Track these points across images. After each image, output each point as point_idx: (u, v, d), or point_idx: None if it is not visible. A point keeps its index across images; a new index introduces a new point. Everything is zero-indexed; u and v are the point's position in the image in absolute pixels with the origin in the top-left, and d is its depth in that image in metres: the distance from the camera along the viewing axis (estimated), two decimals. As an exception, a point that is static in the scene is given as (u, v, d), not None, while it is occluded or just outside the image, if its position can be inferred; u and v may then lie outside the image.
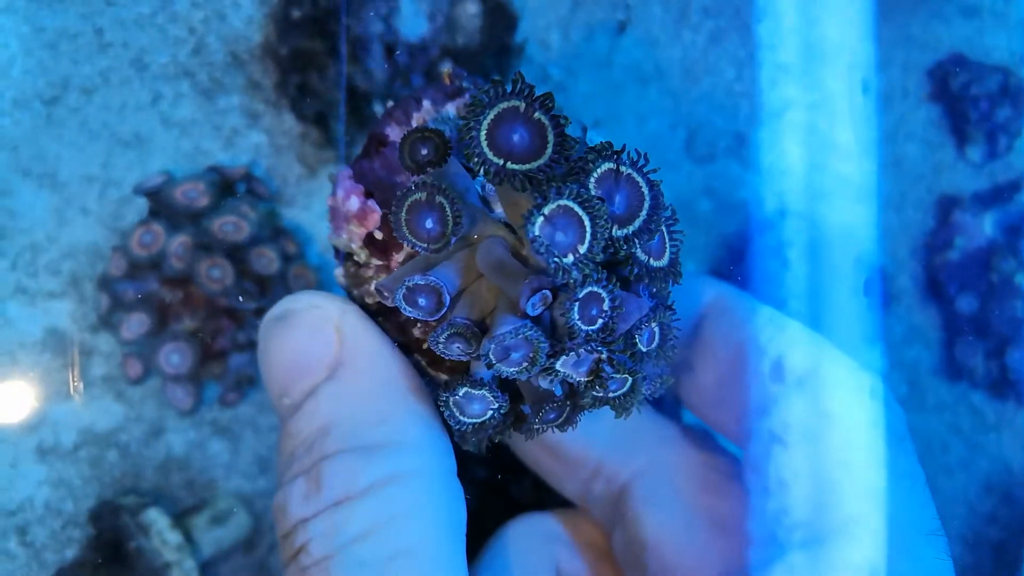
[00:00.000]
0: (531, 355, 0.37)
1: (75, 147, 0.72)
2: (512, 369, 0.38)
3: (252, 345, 0.66)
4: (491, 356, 0.37)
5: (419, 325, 0.43)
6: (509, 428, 0.42)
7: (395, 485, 0.39)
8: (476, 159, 0.37)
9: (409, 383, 0.43)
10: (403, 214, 0.38)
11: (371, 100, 0.71)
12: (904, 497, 0.41)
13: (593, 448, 0.50)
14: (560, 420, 0.41)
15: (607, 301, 0.37)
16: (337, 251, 0.46)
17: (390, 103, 0.41)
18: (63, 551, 0.69)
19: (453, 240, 0.38)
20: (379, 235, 0.43)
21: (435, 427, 0.42)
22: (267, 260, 0.65)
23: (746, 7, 0.79)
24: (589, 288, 0.37)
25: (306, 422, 0.42)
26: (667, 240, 0.40)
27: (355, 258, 0.45)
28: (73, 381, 0.69)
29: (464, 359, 0.39)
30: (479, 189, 0.42)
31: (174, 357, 0.64)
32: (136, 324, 0.65)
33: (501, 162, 0.37)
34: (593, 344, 0.37)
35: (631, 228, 0.38)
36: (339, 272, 0.46)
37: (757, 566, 0.43)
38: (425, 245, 0.38)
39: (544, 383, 0.39)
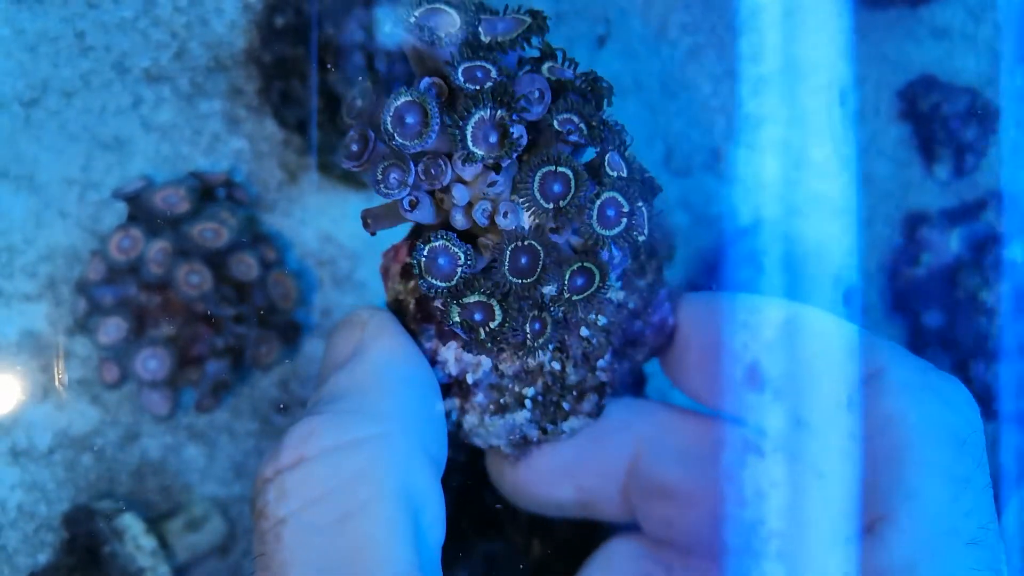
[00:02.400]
0: (423, 117, 0.41)
1: (54, 150, 0.72)
2: (412, 141, 0.41)
3: (229, 351, 0.66)
4: (387, 122, 0.41)
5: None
6: (486, 290, 0.43)
7: (352, 450, 0.39)
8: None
9: (413, 374, 0.44)
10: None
11: (353, 109, 0.71)
12: (947, 502, 0.40)
13: (599, 452, 0.50)
14: (535, 273, 0.42)
15: (493, 71, 0.41)
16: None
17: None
18: (36, 555, 0.69)
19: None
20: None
21: (421, 406, 0.43)
22: (246, 266, 0.66)
23: (722, 25, 0.81)
24: (468, 63, 0.41)
25: (308, 407, 0.43)
26: (575, 69, 0.44)
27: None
28: (58, 374, 0.69)
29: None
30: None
31: (151, 362, 0.64)
32: (113, 329, 0.65)
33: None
34: (487, 103, 0.40)
35: (513, 35, 0.42)
36: None
37: None
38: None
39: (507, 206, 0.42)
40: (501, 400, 0.47)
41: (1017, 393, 0.71)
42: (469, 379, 0.47)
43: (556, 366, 0.46)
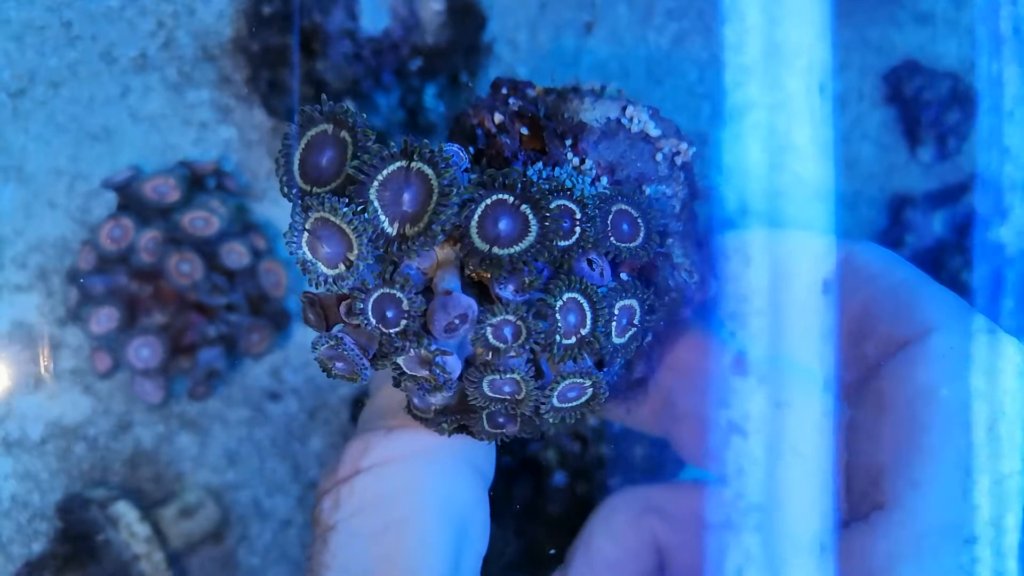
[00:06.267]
0: (350, 366, 0.39)
1: (42, 140, 0.71)
2: (347, 377, 0.39)
3: (222, 339, 0.67)
4: (323, 362, 0.39)
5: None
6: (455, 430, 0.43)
7: (398, 463, 0.42)
8: (287, 189, 0.38)
9: None
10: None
11: (342, 97, 0.72)
12: (954, 495, 0.37)
13: None
14: (510, 427, 0.42)
15: (405, 302, 0.37)
16: None
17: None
18: (30, 544, 0.69)
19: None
20: None
21: None
22: (237, 255, 0.66)
23: (709, 10, 0.81)
24: (381, 291, 0.37)
25: (361, 417, 0.46)
26: (532, 220, 0.38)
27: None
28: (44, 362, 0.69)
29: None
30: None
31: (143, 351, 0.65)
32: (105, 318, 0.65)
33: (309, 188, 0.38)
34: (405, 345, 0.38)
35: (422, 223, 0.37)
36: None
37: (715, 550, 0.44)
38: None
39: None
40: None
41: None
42: None
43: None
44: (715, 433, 0.47)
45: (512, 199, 0.37)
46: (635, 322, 0.41)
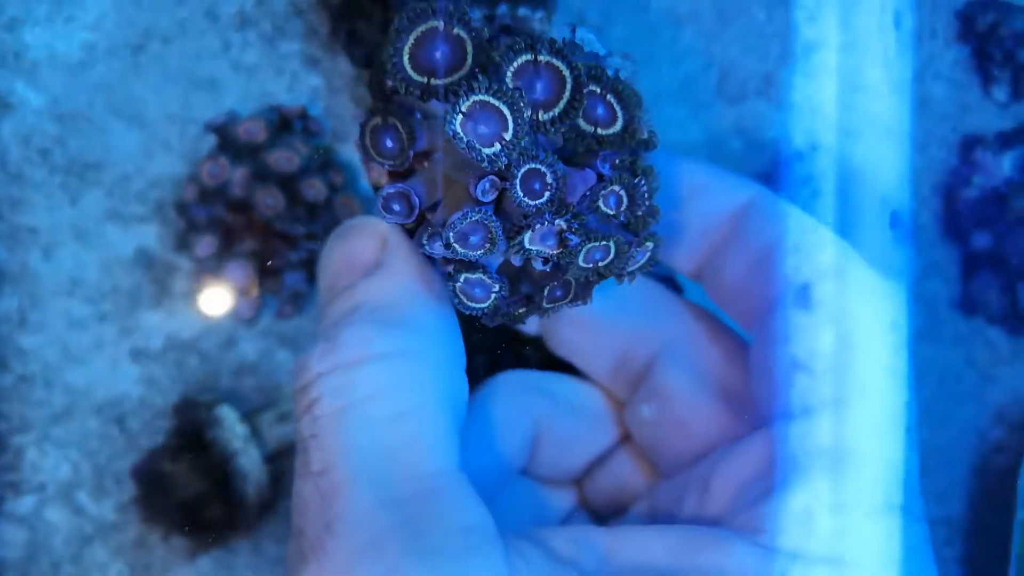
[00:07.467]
0: (488, 236, 0.41)
1: (158, 90, 0.82)
2: (476, 252, 0.41)
3: (303, 264, 0.75)
4: (451, 239, 0.41)
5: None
6: (522, 311, 0.46)
7: (403, 358, 0.43)
8: (400, 81, 0.40)
9: (438, 290, 0.47)
10: (367, 139, 0.42)
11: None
12: (891, 393, 0.43)
13: (624, 321, 0.53)
14: (569, 297, 0.45)
15: (548, 175, 0.40)
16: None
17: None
18: (154, 437, 0.80)
19: (411, 154, 0.42)
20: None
21: (450, 325, 0.46)
22: (316, 191, 0.74)
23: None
24: (527, 166, 0.39)
25: (338, 306, 0.46)
26: (617, 108, 0.42)
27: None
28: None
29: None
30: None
31: (237, 273, 0.74)
32: (207, 244, 0.75)
33: (425, 80, 0.40)
34: (545, 216, 0.40)
35: (556, 110, 0.40)
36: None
37: (779, 488, 0.44)
38: (391, 162, 0.42)
39: (519, 260, 0.44)
40: None
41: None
42: None
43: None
44: (780, 369, 0.46)
45: (599, 89, 0.41)
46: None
